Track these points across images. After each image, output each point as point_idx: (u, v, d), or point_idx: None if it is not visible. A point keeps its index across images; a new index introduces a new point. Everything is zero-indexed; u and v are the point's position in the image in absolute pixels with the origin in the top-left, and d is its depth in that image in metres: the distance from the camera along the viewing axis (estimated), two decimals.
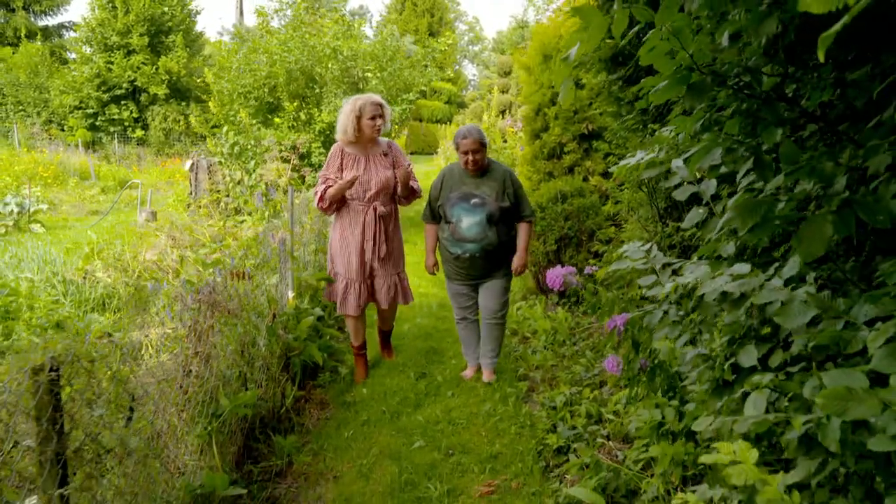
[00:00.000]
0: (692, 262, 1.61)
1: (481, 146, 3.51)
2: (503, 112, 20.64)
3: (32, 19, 26.12)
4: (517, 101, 17.07)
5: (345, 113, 3.75)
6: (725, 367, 1.38)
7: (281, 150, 7.43)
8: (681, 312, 2.01)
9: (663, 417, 2.22)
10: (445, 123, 27.99)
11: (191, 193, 9.04)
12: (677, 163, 1.88)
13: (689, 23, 1.24)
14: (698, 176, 1.83)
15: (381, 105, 3.76)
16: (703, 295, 1.62)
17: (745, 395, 1.29)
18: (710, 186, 1.82)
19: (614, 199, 5.31)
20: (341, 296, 3.84)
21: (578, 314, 5.12)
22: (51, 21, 27.48)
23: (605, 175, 6.29)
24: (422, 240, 9.09)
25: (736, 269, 1.25)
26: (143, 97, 22.03)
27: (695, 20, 1.36)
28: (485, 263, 3.64)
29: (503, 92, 22.45)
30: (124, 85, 21.50)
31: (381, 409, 3.61)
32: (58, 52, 25.14)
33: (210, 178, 8.92)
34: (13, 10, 25.35)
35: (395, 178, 3.82)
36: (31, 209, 9.25)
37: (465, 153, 3.50)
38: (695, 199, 1.94)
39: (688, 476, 2.39)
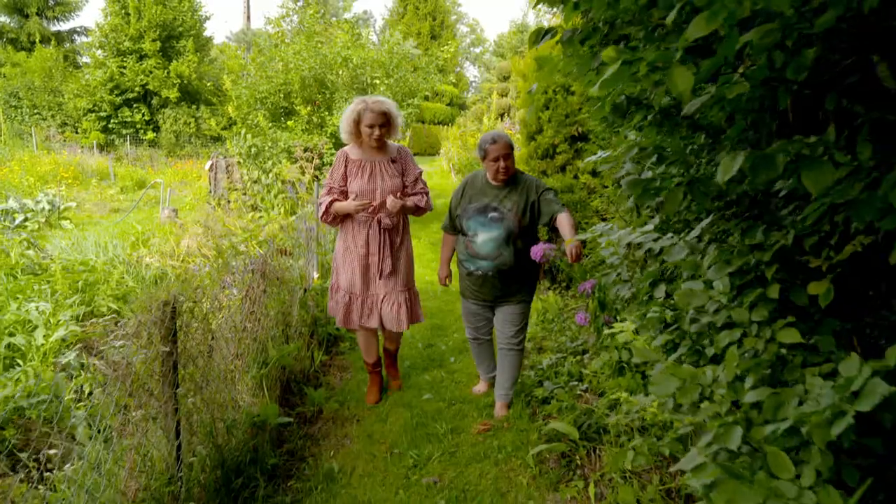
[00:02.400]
0: (625, 230, 2.23)
1: (511, 150, 3.22)
2: (502, 115, 21.30)
3: (46, 25, 26.84)
4: (515, 105, 17.67)
5: (346, 113, 3.42)
6: (644, 298, 2.00)
7: (297, 151, 8.08)
8: (629, 273, 2.64)
9: (620, 359, 2.83)
10: (447, 125, 28.64)
11: (210, 192, 9.68)
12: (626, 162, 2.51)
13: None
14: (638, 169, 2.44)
15: (385, 114, 3.37)
16: (645, 257, 2.25)
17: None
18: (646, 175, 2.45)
19: (600, 195, 5.95)
20: (343, 310, 3.53)
21: (567, 297, 5.74)
22: (63, 26, 28.18)
23: (594, 173, 6.91)
24: (426, 234, 9.75)
25: (644, 228, 1.87)
26: (154, 100, 22.74)
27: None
28: (500, 285, 3.35)
29: (502, 96, 23.11)
30: (136, 88, 22.21)
31: None
32: (71, 57, 25.87)
33: (228, 178, 9.56)
34: (27, 16, 26.08)
35: (403, 187, 3.51)
36: (61, 207, 9.89)
37: (496, 160, 3.18)
38: None
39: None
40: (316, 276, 4.51)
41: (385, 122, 3.38)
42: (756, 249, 1.43)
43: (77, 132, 22.57)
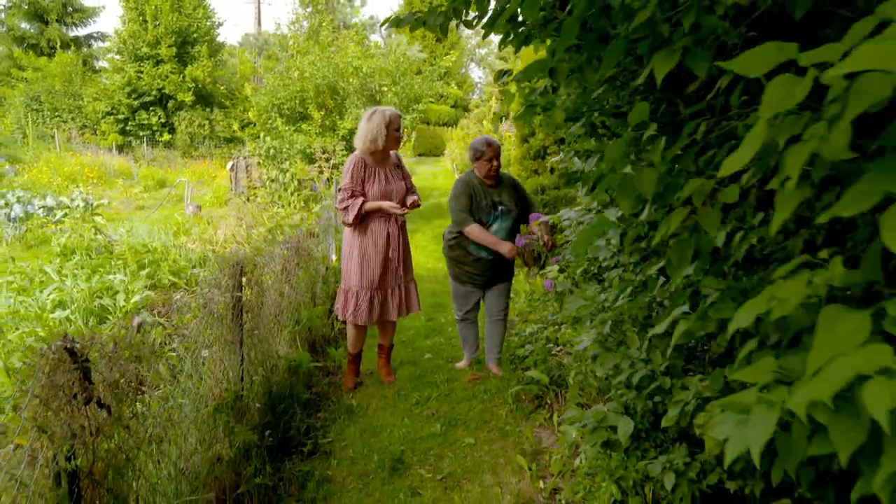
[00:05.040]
0: (566, 209, 3.01)
1: (500, 152, 3.93)
2: (501, 119, 22.05)
3: (65, 31, 27.86)
4: (511, 110, 18.42)
5: (375, 122, 3.77)
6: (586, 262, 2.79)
7: (311, 153, 8.91)
8: None
9: (576, 316, 3.61)
10: (451, 126, 29.43)
11: (231, 189, 10.52)
12: (575, 160, 3.29)
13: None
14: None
15: (402, 118, 3.99)
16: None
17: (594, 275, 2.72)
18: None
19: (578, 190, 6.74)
20: (354, 307, 3.88)
21: None
22: (81, 32, 29.20)
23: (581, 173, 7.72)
24: (430, 228, 10.59)
25: (577, 208, 2.65)
26: (170, 103, 23.70)
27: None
28: (499, 266, 4.03)
29: (501, 100, 23.90)
30: (153, 92, 23.18)
31: (401, 339, 5.02)
32: (89, 62, 26.87)
33: (248, 176, 10.40)
34: (47, 23, 27.10)
35: (406, 189, 3.97)
36: (94, 204, 10.75)
37: (491, 160, 3.83)
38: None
39: None
40: (334, 258, 5.31)
41: (401, 125, 3.96)
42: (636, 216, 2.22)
43: (96, 134, 23.54)
